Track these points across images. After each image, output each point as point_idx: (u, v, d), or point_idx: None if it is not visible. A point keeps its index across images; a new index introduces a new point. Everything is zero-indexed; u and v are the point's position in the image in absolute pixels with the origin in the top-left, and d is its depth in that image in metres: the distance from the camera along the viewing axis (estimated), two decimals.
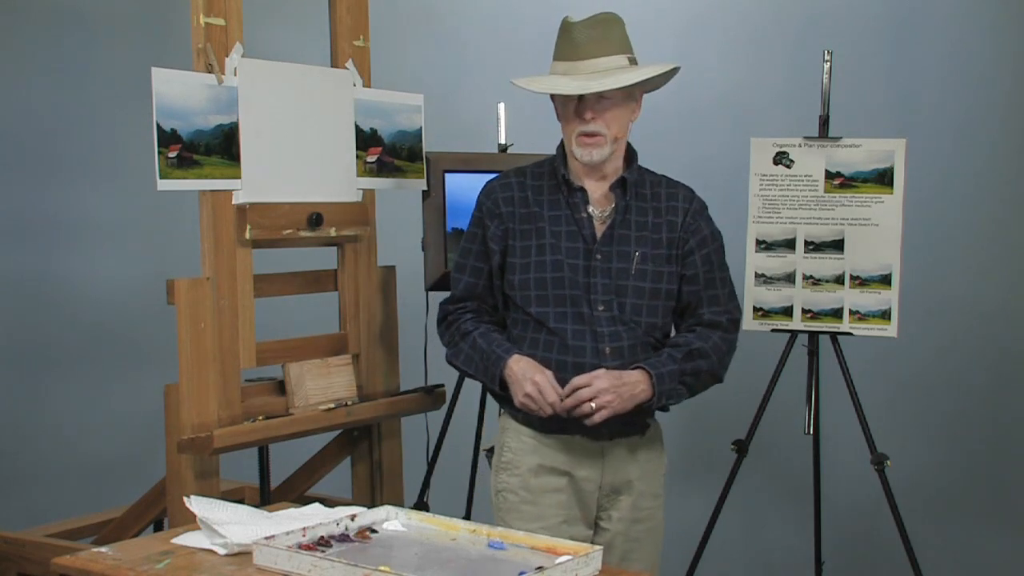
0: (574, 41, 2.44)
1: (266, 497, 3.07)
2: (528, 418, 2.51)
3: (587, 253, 2.48)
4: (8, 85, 4.82)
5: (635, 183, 2.53)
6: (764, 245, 3.26)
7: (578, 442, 2.51)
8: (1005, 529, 3.90)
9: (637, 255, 2.50)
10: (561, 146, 2.55)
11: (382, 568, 1.89)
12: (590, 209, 2.51)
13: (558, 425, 2.48)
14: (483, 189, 2.60)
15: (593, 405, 2.38)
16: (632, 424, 2.52)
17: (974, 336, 3.91)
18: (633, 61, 2.47)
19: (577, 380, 2.40)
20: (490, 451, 2.64)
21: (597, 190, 2.53)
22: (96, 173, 4.78)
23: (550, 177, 2.55)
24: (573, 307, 2.47)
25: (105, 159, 4.75)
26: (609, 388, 2.39)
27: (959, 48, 3.88)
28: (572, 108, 2.45)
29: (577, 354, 2.46)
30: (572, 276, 2.47)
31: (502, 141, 3.48)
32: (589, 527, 2.55)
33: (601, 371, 2.41)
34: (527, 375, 2.42)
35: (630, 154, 2.56)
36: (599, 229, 2.51)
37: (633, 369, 2.45)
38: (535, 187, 2.54)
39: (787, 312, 3.27)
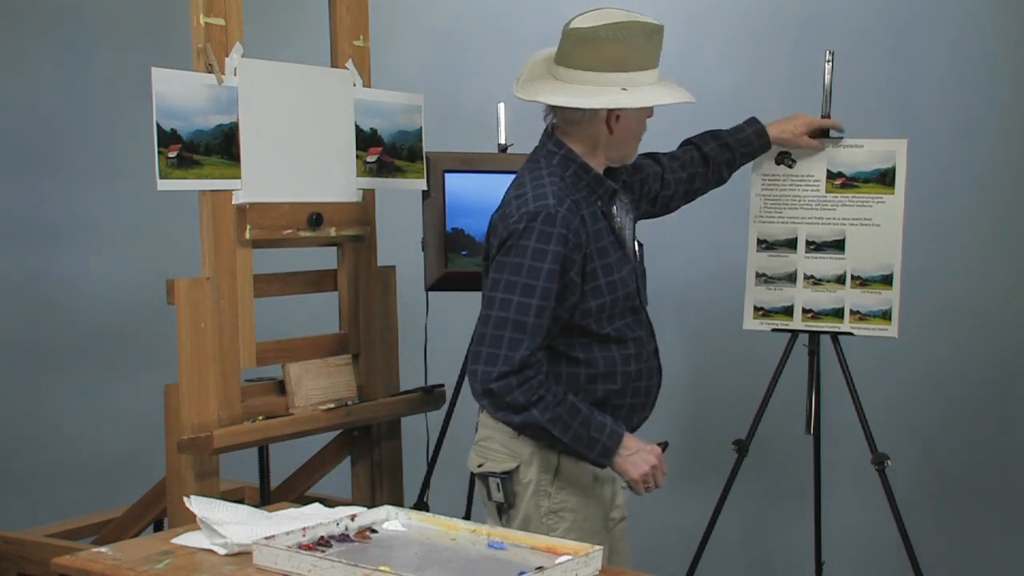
0: (654, 49, 2.40)
1: (266, 497, 3.07)
2: None
3: (627, 258, 2.48)
4: (8, 85, 4.82)
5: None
6: (765, 245, 3.26)
7: None
8: (1005, 529, 3.90)
9: (637, 242, 2.57)
10: (569, 155, 2.44)
11: (382, 568, 1.89)
12: (615, 215, 2.50)
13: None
14: (548, 217, 2.32)
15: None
16: None
17: (975, 336, 3.90)
18: None
19: None
20: (507, 474, 2.42)
21: None
22: (96, 173, 4.78)
23: (583, 189, 2.43)
24: (634, 315, 2.49)
25: (105, 159, 4.75)
26: None
27: (959, 48, 3.87)
28: (647, 116, 2.47)
29: (650, 358, 2.52)
30: (633, 287, 2.48)
31: (502, 141, 3.48)
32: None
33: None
34: (647, 447, 2.40)
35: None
36: (617, 230, 2.50)
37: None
38: (577, 202, 2.40)
39: (788, 312, 3.27)
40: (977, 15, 3.86)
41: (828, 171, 3.19)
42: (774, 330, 3.28)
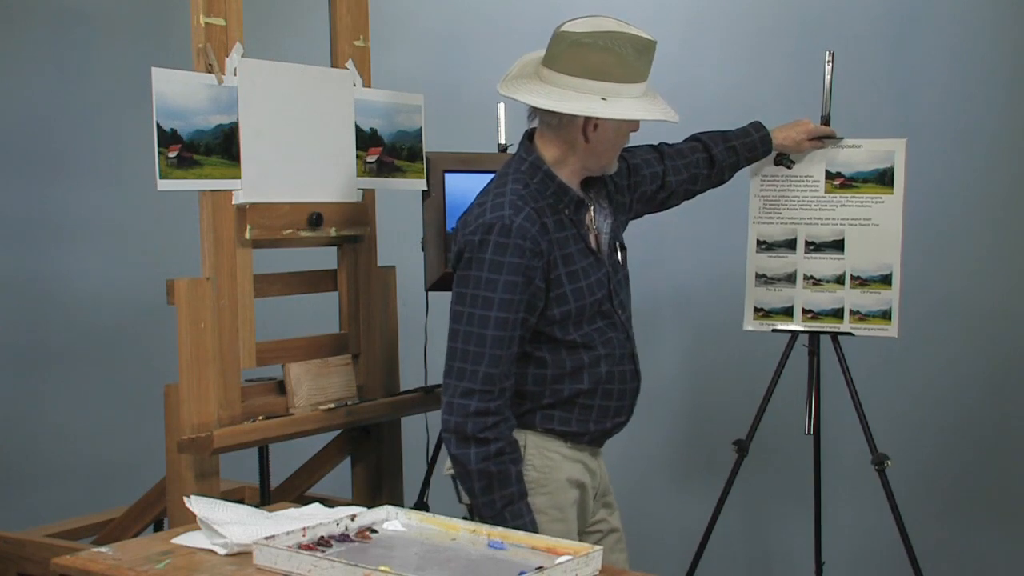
0: (643, 63, 2.38)
1: (266, 497, 3.07)
2: (563, 432, 2.47)
3: (599, 265, 2.46)
4: (8, 85, 4.82)
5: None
6: (765, 245, 3.26)
7: (588, 451, 2.53)
8: (1005, 529, 3.90)
9: (619, 245, 2.55)
10: (538, 161, 2.42)
11: (382, 568, 1.89)
12: (587, 222, 2.48)
13: (589, 438, 2.50)
14: (503, 228, 2.31)
15: None
16: None
17: (974, 336, 3.90)
18: None
19: None
20: None
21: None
22: (96, 173, 4.78)
23: (550, 196, 2.41)
24: (606, 319, 2.47)
25: (105, 159, 4.75)
26: None
27: (959, 48, 3.87)
28: (628, 129, 2.45)
29: (622, 363, 2.49)
30: (603, 293, 2.46)
31: (502, 141, 3.48)
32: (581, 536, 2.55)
33: None
34: None
35: None
36: (592, 236, 2.48)
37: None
38: (540, 209, 2.39)
39: (788, 312, 3.27)
40: (977, 15, 3.86)
41: (827, 171, 3.19)
42: (774, 331, 3.29)
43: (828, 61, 3.20)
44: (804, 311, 3.25)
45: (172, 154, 2.71)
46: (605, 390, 2.47)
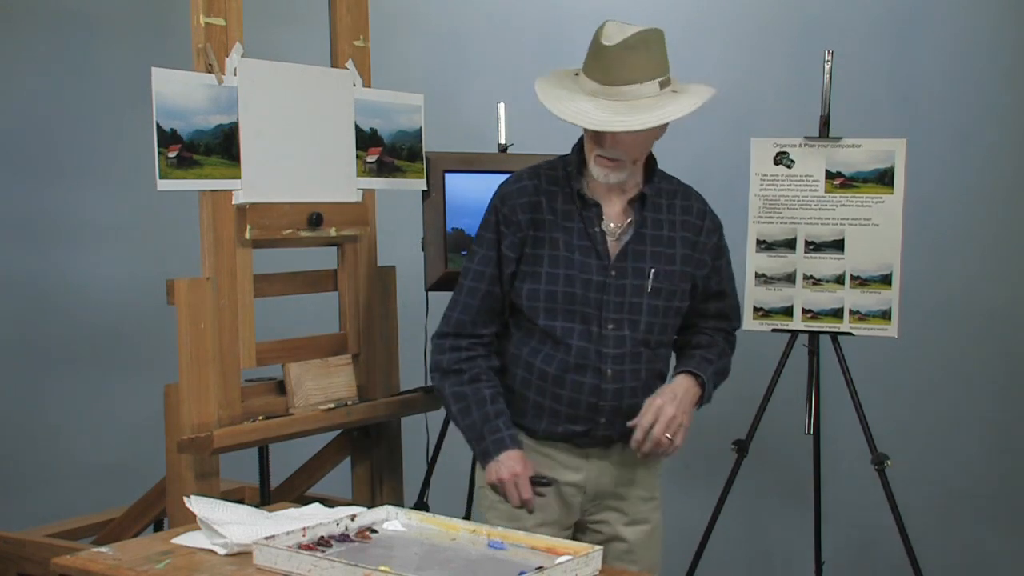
0: (607, 64, 2.30)
1: (266, 497, 3.07)
2: (519, 424, 2.50)
3: (601, 269, 2.43)
4: (8, 85, 4.82)
5: (653, 195, 2.49)
6: (764, 245, 3.26)
7: (562, 449, 2.52)
8: (1005, 529, 3.90)
9: (653, 272, 2.46)
10: (579, 151, 2.46)
11: (382, 568, 1.89)
12: (604, 224, 2.45)
13: (544, 435, 2.51)
14: (498, 192, 2.50)
15: (669, 436, 2.42)
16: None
17: (974, 335, 3.91)
18: (666, 83, 2.36)
19: (644, 422, 2.39)
20: None
21: (615, 205, 2.47)
22: (96, 173, 4.78)
23: (565, 184, 2.45)
24: (582, 324, 2.44)
25: (105, 159, 4.75)
26: (676, 412, 2.43)
27: (959, 48, 3.88)
28: (592, 132, 2.36)
29: (579, 372, 2.44)
30: (584, 292, 2.42)
31: (502, 141, 3.48)
32: (566, 530, 2.54)
33: (658, 400, 2.42)
34: (514, 466, 2.40)
35: (650, 163, 2.50)
36: (612, 245, 2.45)
37: (678, 375, 2.51)
38: (549, 193, 2.44)
39: (787, 312, 3.27)
40: (977, 15, 3.86)
41: (827, 171, 3.19)
42: (774, 330, 3.29)
43: (827, 60, 3.20)
44: (804, 311, 3.25)
45: (172, 154, 2.71)
46: (554, 393, 2.46)
